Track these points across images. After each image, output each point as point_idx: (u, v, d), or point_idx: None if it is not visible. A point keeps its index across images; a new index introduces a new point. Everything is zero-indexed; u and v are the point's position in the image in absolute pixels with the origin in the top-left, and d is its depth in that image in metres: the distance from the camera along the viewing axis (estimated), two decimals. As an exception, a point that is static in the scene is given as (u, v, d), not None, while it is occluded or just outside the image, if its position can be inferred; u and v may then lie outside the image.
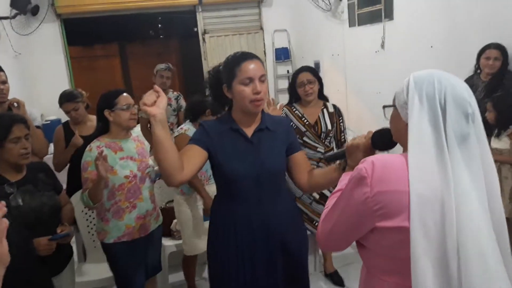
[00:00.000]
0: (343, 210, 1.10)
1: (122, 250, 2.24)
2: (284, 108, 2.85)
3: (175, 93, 4.11)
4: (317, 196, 2.83)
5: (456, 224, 0.94)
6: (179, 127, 2.80)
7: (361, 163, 1.07)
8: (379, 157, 1.07)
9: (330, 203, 1.18)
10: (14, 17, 4.31)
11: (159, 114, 1.47)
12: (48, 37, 5.47)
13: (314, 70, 2.87)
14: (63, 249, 2.07)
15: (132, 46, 11.20)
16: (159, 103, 1.48)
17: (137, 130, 2.74)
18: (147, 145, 2.51)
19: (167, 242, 2.91)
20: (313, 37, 6.05)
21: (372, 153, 1.30)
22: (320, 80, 2.88)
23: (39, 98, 5.00)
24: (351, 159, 1.35)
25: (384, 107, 1.20)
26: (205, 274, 3.27)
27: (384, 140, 1.27)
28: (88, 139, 2.83)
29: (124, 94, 2.26)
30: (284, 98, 4.37)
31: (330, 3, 5.37)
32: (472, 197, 0.96)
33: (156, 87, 1.52)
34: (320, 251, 3.17)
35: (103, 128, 2.28)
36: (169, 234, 2.98)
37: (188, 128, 2.70)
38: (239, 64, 1.62)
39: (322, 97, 2.93)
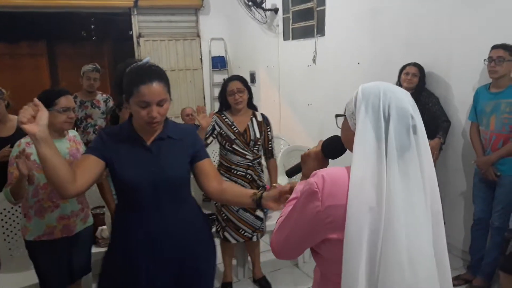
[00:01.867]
0: (296, 222, 1.13)
1: (42, 249, 2.19)
2: (214, 116, 2.87)
3: (104, 95, 3.98)
4: None
5: (382, 237, 0.99)
6: None
7: (312, 176, 1.11)
8: (329, 171, 1.10)
9: (285, 211, 1.21)
10: None
11: (39, 132, 1.38)
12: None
13: (244, 80, 2.93)
14: None
15: (62, 46, 10.67)
16: (39, 119, 1.39)
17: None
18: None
19: (92, 249, 2.79)
20: (249, 47, 6.16)
21: (324, 161, 1.33)
22: (249, 90, 2.94)
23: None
24: (304, 168, 1.35)
25: (336, 116, 1.23)
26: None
27: (333, 148, 1.30)
28: (7, 141, 2.67)
29: (67, 95, 2.19)
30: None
31: (266, 16, 5.52)
32: (401, 211, 1.00)
33: (36, 100, 1.43)
34: (249, 258, 3.21)
35: None
36: (94, 241, 2.86)
37: None
38: (137, 85, 1.56)
39: (251, 106, 2.99)
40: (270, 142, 3.01)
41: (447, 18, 3.35)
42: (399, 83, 3.52)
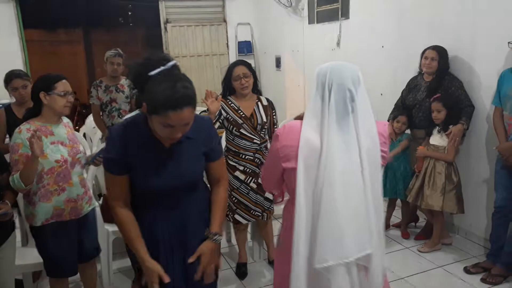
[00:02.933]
0: (268, 160, 1.69)
1: (52, 232, 2.24)
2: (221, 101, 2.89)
3: (128, 80, 4.07)
4: (254, 186, 2.91)
5: (323, 165, 1.43)
6: (125, 117, 2.79)
7: (281, 126, 1.65)
8: (289, 123, 1.56)
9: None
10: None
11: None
12: (1, 18, 5.32)
13: (249, 64, 2.91)
14: (3, 222, 2.07)
15: (97, 33, 10.96)
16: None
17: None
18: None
19: (110, 228, 2.92)
20: (275, 32, 6.14)
21: None
22: (254, 74, 2.94)
23: None
24: None
25: None
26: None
27: None
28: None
29: (64, 80, 2.26)
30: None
31: (290, 0, 5.46)
32: (336, 151, 1.43)
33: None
34: (264, 242, 3.26)
35: (35, 110, 2.25)
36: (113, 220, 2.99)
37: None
38: (165, 109, 1.43)
39: (256, 91, 2.99)
40: (275, 126, 3.02)
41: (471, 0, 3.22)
42: (420, 67, 3.44)
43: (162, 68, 1.50)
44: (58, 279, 2.40)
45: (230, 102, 2.86)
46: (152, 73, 1.48)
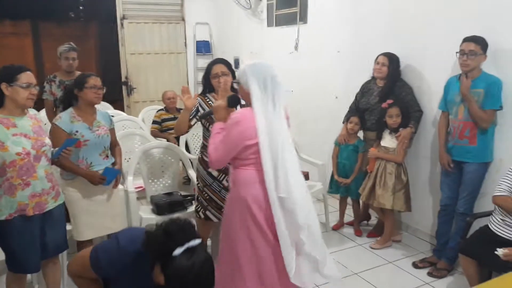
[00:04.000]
0: (229, 141, 2.04)
1: (15, 227, 2.19)
2: (198, 98, 2.90)
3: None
4: (226, 184, 2.92)
5: (276, 140, 1.98)
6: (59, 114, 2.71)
7: (233, 115, 2.06)
8: (241, 111, 2.07)
9: (215, 139, 2.09)
10: None
11: None
12: None
13: (228, 63, 2.95)
14: None
15: (47, 26, 10.49)
16: None
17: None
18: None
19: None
20: (233, 33, 6.18)
21: (229, 110, 2.19)
22: (233, 73, 2.97)
23: None
24: (217, 115, 2.20)
25: (234, 82, 2.55)
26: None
27: (234, 101, 2.23)
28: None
29: (28, 72, 2.21)
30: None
31: (250, 2, 5.53)
32: (276, 125, 1.98)
33: None
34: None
35: None
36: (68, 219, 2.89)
37: (60, 117, 2.62)
38: None
39: (234, 89, 3.02)
40: None
41: (423, 12, 3.42)
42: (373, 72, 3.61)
43: (186, 247, 1.45)
44: (16, 274, 2.33)
45: (208, 100, 2.87)
46: (176, 253, 1.44)
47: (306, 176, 3.82)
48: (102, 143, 2.70)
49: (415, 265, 3.20)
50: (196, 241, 1.48)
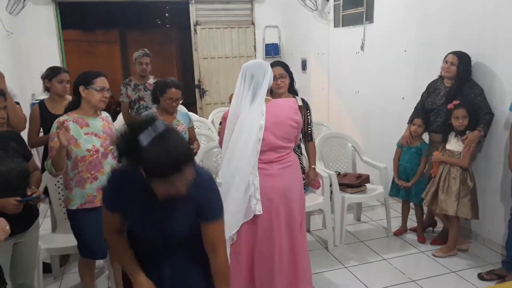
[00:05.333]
0: (224, 129, 2.37)
1: (85, 217, 2.43)
2: None
3: (156, 79, 4.25)
4: None
5: (239, 121, 2.26)
6: (144, 113, 2.99)
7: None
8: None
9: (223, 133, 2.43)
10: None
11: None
12: (41, 18, 5.63)
13: (286, 65, 3.01)
14: (30, 210, 2.24)
15: (133, 34, 11.34)
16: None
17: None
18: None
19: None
20: (301, 35, 6.21)
21: None
22: (291, 75, 3.02)
23: (31, 78, 5.14)
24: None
25: None
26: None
27: None
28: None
29: (102, 77, 2.46)
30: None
31: (317, 3, 5.53)
32: (246, 114, 2.25)
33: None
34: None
35: (75, 103, 2.47)
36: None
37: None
38: (165, 175, 1.37)
39: (292, 91, 3.08)
40: (309, 126, 3.07)
41: (494, 5, 3.20)
42: (441, 71, 3.44)
43: (149, 129, 1.34)
44: (86, 260, 2.59)
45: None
46: (142, 138, 1.33)
47: (367, 179, 3.76)
48: None
49: (481, 277, 3.00)
50: (160, 123, 1.37)
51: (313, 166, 3.01)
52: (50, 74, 3.17)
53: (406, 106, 4.01)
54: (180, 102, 3.02)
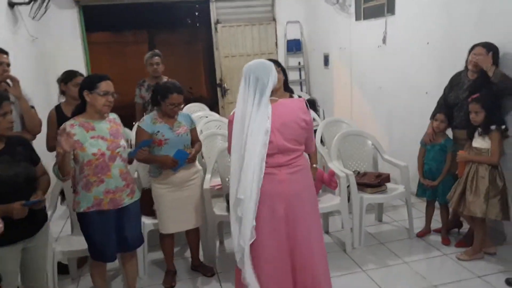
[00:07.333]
0: (230, 134, 2.27)
1: (93, 219, 2.45)
2: None
3: (169, 80, 4.24)
4: None
5: (247, 124, 2.13)
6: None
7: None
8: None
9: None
10: (29, 2, 4.56)
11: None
12: (65, 22, 5.76)
13: (278, 62, 2.92)
14: (36, 214, 2.27)
15: (161, 34, 11.47)
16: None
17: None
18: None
19: (146, 220, 3.08)
20: (323, 29, 6.07)
21: None
22: (284, 71, 2.92)
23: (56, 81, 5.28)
24: None
25: None
26: (187, 254, 3.44)
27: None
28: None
29: (107, 81, 2.45)
30: (295, 90, 4.32)
31: (337, -4, 5.39)
32: (254, 117, 2.12)
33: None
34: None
35: (81, 107, 2.48)
36: (153, 213, 3.13)
37: (143, 120, 2.88)
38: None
39: (287, 89, 2.98)
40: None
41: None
42: (466, 63, 3.25)
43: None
44: (97, 262, 2.61)
45: None
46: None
47: (387, 178, 3.61)
48: (182, 141, 2.91)
49: (508, 282, 2.81)
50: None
51: (314, 165, 2.91)
52: (66, 78, 3.22)
53: (429, 101, 3.81)
54: (182, 107, 2.97)
